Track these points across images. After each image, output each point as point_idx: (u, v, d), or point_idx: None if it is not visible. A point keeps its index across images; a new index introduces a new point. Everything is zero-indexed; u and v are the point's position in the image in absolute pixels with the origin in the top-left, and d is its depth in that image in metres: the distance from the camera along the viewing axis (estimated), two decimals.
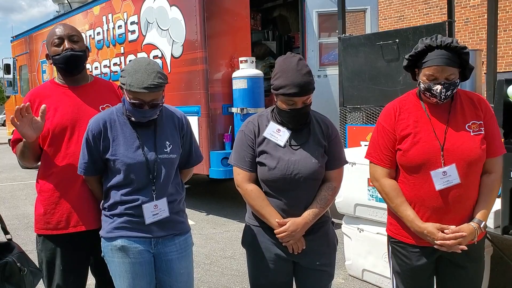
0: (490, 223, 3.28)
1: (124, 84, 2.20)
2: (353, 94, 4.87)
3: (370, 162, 2.48)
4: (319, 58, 7.40)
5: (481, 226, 2.25)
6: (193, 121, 6.55)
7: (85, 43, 2.67)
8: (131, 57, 7.82)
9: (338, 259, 5.07)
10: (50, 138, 2.50)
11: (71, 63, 2.54)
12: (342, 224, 4.40)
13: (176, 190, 2.43)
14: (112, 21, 8.21)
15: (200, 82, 6.50)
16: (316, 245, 2.41)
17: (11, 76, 13.06)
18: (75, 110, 2.55)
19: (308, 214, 2.31)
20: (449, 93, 2.22)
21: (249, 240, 2.48)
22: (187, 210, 2.59)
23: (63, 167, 2.49)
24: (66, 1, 11.14)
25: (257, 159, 2.36)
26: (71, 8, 10.34)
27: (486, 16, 4.28)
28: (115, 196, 2.34)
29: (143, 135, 2.34)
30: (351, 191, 4.12)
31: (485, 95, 4.06)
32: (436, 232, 2.23)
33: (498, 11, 12.17)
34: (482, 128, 2.29)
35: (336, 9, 5.48)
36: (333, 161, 2.41)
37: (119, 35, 8.07)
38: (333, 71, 7.03)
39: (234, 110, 6.44)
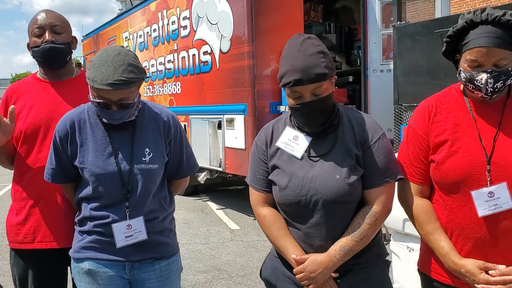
0: None
1: (88, 79, 1.83)
2: (409, 91, 4.24)
3: None
4: (382, 51, 6.73)
5: None
6: (239, 120, 6.18)
7: (71, 33, 2.35)
8: (183, 54, 7.61)
9: None
10: (22, 139, 2.21)
11: (51, 58, 2.24)
12: (390, 240, 3.82)
13: (159, 205, 2.04)
14: (167, 17, 8.05)
15: (247, 78, 6.11)
16: None
17: None
18: (52, 108, 2.24)
19: (335, 250, 1.74)
20: (498, 84, 1.66)
21: (267, 273, 1.99)
22: (233, 213, 2.14)
23: (34, 173, 2.19)
24: None
25: (269, 176, 1.87)
26: (132, 5, 10.38)
27: None
28: (85, 210, 2.00)
29: (118, 140, 1.97)
30: (399, 203, 3.52)
31: None
32: (477, 273, 1.69)
33: None
34: None
35: None
36: (372, 175, 1.80)
37: (172, 31, 7.89)
38: None
39: (283, 108, 5.98)
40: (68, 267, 2.21)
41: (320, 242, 1.78)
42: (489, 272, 1.67)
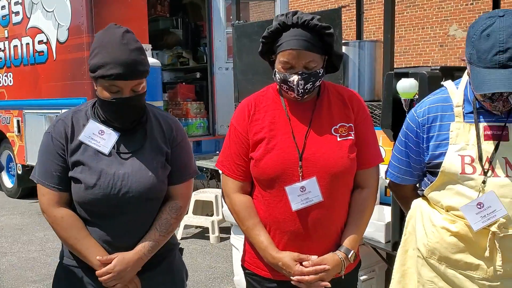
0: (381, 237, 2.90)
1: None
2: (248, 89, 4.32)
3: (222, 173, 1.96)
4: (227, 49, 6.85)
5: (349, 256, 1.79)
6: None
7: None
8: (15, 42, 6.93)
9: (228, 273, 4.60)
10: None
11: None
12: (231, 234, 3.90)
13: None
14: None
15: (86, 71, 5.76)
16: (157, 283, 1.86)
17: None
18: None
19: (143, 247, 1.76)
20: (309, 85, 1.76)
21: (64, 286, 1.87)
22: None
23: None
24: None
25: (70, 173, 1.75)
26: None
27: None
28: None
29: None
30: None
31: None
32: (293, 265, 1.76)
33: (416, 8, 12.16)
34: (352, 133, 1.83)
35: None
36: (179, 173, 1.87)
37: (2, 16, 7.16)
38: None
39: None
40: None
41: (125, 240, 1.76)
42: (303, 263, 1.75)
